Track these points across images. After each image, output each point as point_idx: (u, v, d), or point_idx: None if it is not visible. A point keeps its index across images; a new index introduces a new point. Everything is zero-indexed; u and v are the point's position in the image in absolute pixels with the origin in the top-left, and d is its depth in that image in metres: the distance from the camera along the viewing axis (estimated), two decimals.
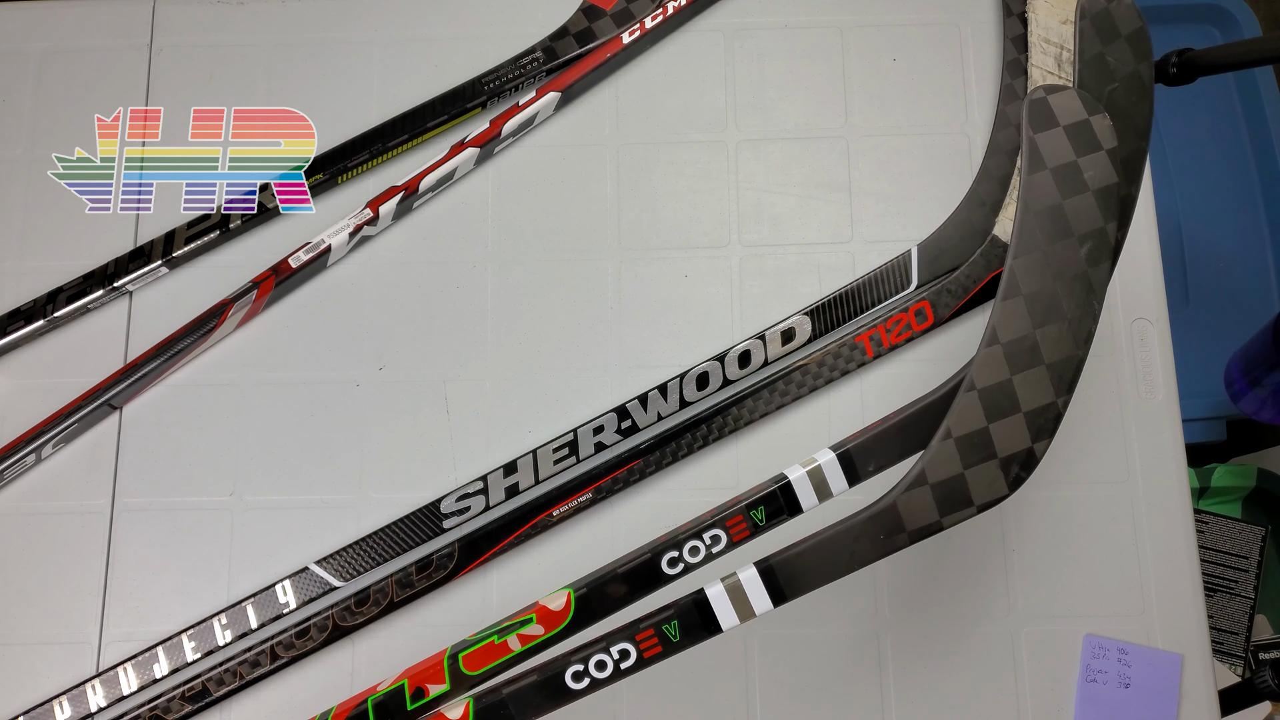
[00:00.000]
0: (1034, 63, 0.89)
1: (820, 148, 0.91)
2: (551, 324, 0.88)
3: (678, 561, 0.62)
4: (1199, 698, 0.80)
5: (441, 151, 0.90)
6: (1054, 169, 0.59)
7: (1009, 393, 0.57)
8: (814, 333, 0.86)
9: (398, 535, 0.82)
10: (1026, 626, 0.82)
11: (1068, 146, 0.59)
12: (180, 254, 0.88)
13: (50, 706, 0.79)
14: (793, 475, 0.62)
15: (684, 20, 0.94)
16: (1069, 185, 0.59)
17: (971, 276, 0.86)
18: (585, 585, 0.62)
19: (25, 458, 0.83)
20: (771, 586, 0.59)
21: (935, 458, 0.58)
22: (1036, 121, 0.59)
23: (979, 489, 0.58)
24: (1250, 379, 1.27)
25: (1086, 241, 0.58)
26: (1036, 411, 0.57)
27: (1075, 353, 0.58)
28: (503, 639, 0.61)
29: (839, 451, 0.62)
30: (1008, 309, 0.58)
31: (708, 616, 0.60)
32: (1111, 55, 0.62)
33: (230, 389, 0.87)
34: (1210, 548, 1.33)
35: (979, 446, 0.58)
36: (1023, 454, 0.58)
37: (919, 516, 0.58)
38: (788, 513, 0.62)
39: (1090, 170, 0.59)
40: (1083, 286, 0.58)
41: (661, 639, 0.60)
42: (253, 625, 0.80)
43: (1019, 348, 0.57)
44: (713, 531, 0.62)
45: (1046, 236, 0.58)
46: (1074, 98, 0.60)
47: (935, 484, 0.58)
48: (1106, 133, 0.59)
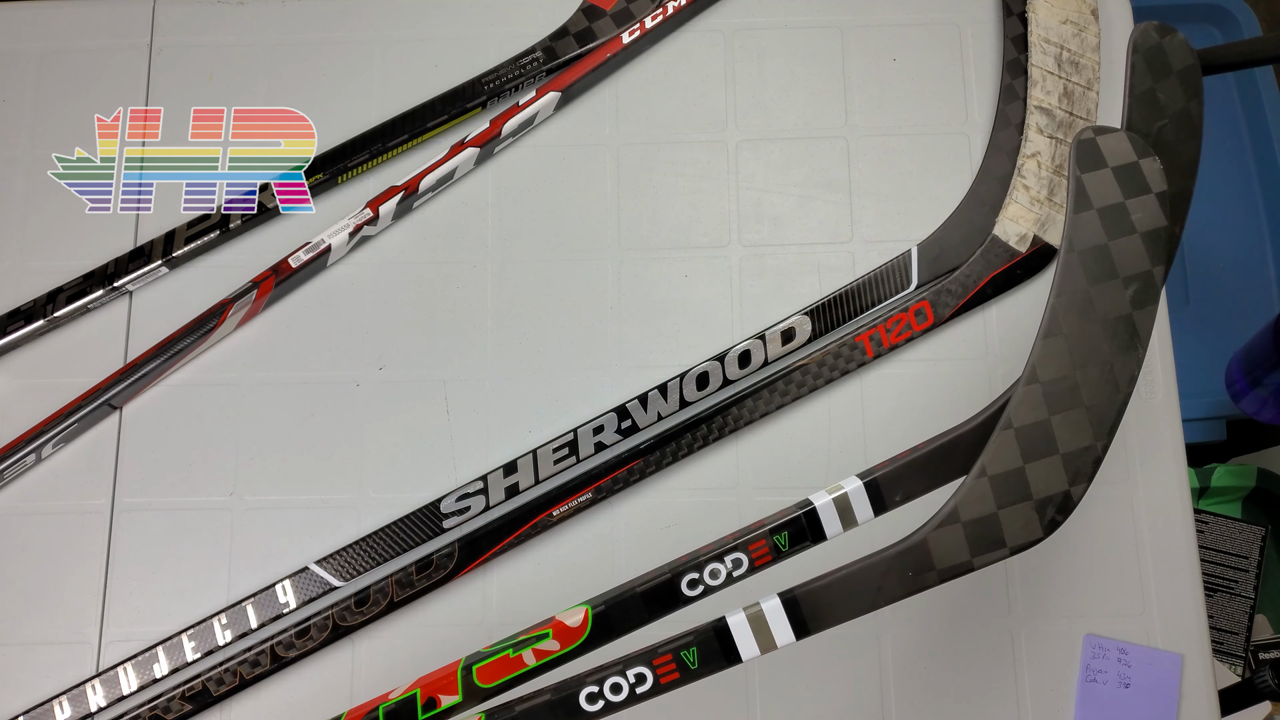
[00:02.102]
0: (1034, 63, 0.89)
1: (820, 148, 0.91)
2: (551, 324, 0.88)
3: (698, 583, 0.61)
4: (1199, 698, 0.80)
5: (441, 151, 0.90)
6: (1101, 209, 0.57)
7: (1047, 433, 0.56)
8: (814, 333, 0.86)
9: (398, 535, 0.82)
10: (1026, 626, 0.82)
11: (1116, 188, 0.58)
12: (180, 254, 0.88)
13: (50, 706, 0.79)
14: (818, 502, 0.61)
15: (684, 20, 0.94)
16: (1116, 226, 0.57)
17: (971, 276, 0.86)
18: (603, 603, 0.61)
19: (25, 458, 0.83)
20: (795, 618, 0.58)
21: (968, 496, 0.57)
22: (1084, 162, 0.58)
23: (1012, 530, 0.56)
24: (1251, 379, 1.27)
25: (1132, 284, 0.57)
26: (1075, 454, 0.56)
27: (1116, 396, 0.56)
28: (518, 653, 0.60)
29: (866, 480, 0.61)
30: (1049, 347, 0.56)
31: (728, 645, 0.59)
32: (1162, 92, 0.61)
33: (230, 389, 0.87)
34: (1210, 548, 1.33)
35: (1014, 487, 0.56)
36: (1059, 497, 0.56)
37: (950, 555, 0.57)
38: (811, 539, 0.61)
39: (1139, 213, 0.57)
40: (1126, 329, 0.57)
41: (679, 665, 0.59)
42: (253, 625, 0.80)
43: (1059, 388, 0.56)
44: (734, 555, 0.61)
45: (1090, 277, 0.57)
46: (1124, 140, 0.58)
47: (968, 522, 0.57)
48: (1156, 176, 0.58)
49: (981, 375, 0.86)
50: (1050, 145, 0.87)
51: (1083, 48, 0.89)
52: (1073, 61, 0.88)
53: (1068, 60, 0.89)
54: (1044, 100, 0.88)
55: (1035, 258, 0.86)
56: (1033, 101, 0.88)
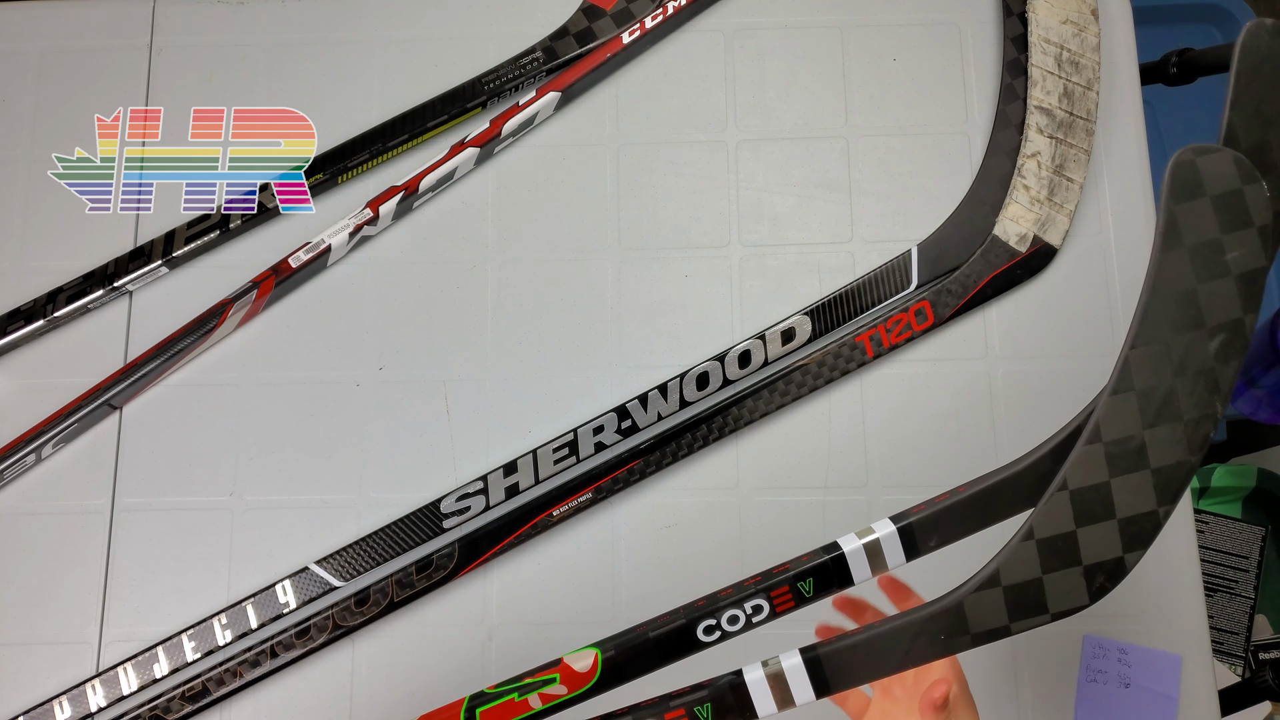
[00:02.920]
0: (1034, 63, 0.89)
1: (820, 148, 0.91)
2: (551, 324, 0.88)
3: (714, 629, 0.58)
4: (1199, 698, 0.80)
5: (441, 151, 0.90)
6: (1192, 247, 0.50)
7: (1104, 497, 0.52)
8: (814, 333, 0.86)
9: (398, 535, 0.82)
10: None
11: (1213, 220, 0.50)
12: (180, 254, 0.88)
13: (50, 706, 0.79)
14: (847, 547, 0.58)
15: (684, 20, 0.94)
16: (1207, 267, 0.50)
17: (971, 276, 0.86)
18: (614, 646, 0.59)
19: (25, 458, 0.83)
20: (816, 678, 0.56)
21: (1012, 559, 0.53)
22: (1180, 190, 0.50)
23: (1056, 596, 0.53)
24: (1247, 378, 1.27)
25: (1219, 334, 0.50)
26: (1133, 519, 0.51)
27: (1188, 459, 0.51)
28: (524, 697, 0.59)
29: (900, 525, 0.58)
30: (1116, 405, 0.51)
31: (744, 702, 0.56)
32: (1269, 103, 0.52)
33: (230, 389, 0.87)
34: (1210, 548, 1.33)
35: (1062, 551, 0.52)
36: (1111, 564, 0.52)
37: (986, 620, 0.53)
38: (838, 584, 0.59)
39: (1235, 250, 0.50)
40: (1207, 385, 0.51)
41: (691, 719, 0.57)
42: (253, 625, 0.80)
43: (1124, 448, 0.51)
44: (755, 601, 0.58)
45: (1173, 326, 0.51)
46: (1228, 161, 0.51)
47: (1008, 586, 0.53)
48: (1261, 206, 0.50)
49: (981, 375, 0.86)
50: (1050, 145, 0.87)
51: (1083, 48, 0.89)
52: (1073, 61, 0.88)
53: (1068, 60, 0.89)
54: (1044, 100, 0.88)
55: (1035, 258, 0.86)
56: (1033, 101, 0.88)
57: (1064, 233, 0.86)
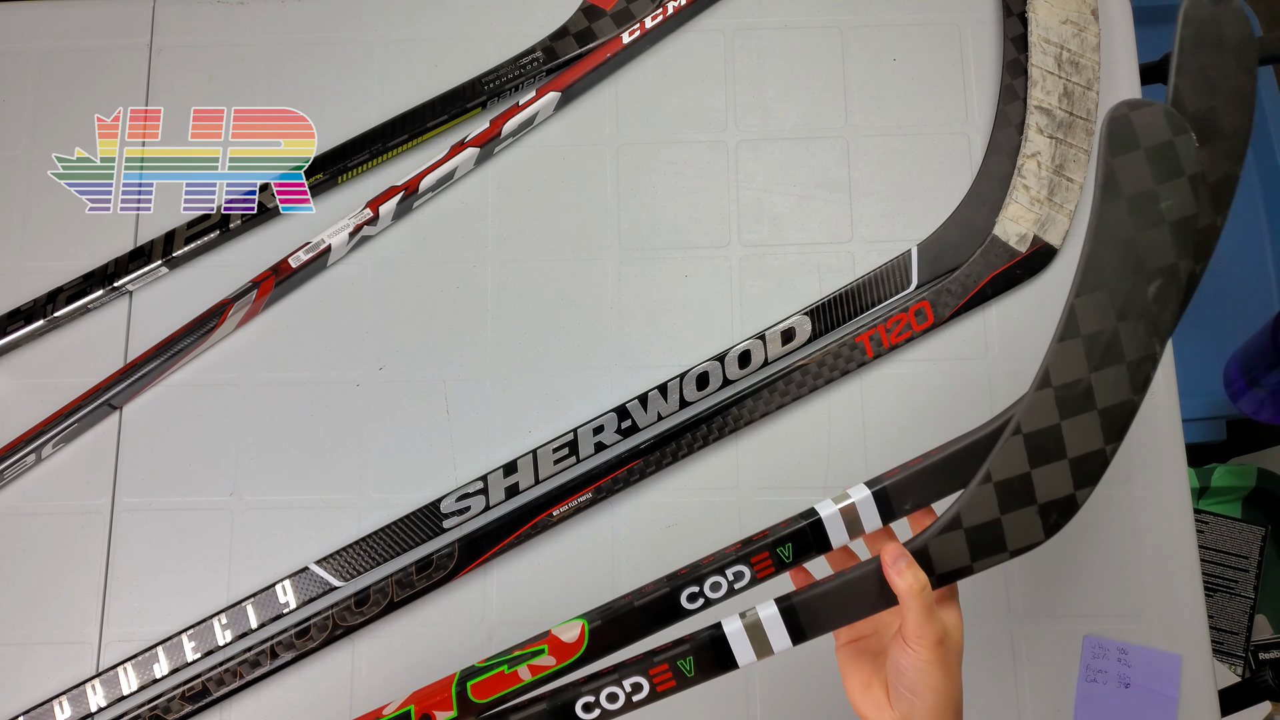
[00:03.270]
0: (1034, 63, 0.89)
1: (820, 148, 0.91)
2: (551, 324, 0.88)
3: (698, 597, 0.60)
4: (1199, 698, 0.80)
5: (441, 151, 0.90)
6: (1130, 198, 0.53)
7: (1056, 438, 0.55)
8: (814, 333, 0.86)
9: (398, 535, 0.82)
10: (1026, 626, 0.82)
11: (1147, 172, 0.53)
12: (180, 254, 0.88)
13: (50, 706, 0.79)
14: (824, 511, 0.60)
15: (684, 20, 0.94)
16: (1144, 217, 0.53)
17: (971, 276, 0.86)
18: (600, 617, 0.60)
19: (25, 458, 0.83)
20: (792, 626, 0.58)
21: (972, 502, 0.56)
22: (1116, 143, 0.53)
23: (1014, 535, 0.56)
24: (1249, 378, 1.27)
25: (1156, 279, 0.53)
26: (1083, 458, 0.55)
27: (1131, 398, 0.54)
28: (513, 669, 0.60)
29: (875, 489, 0.60)
30: (1064, 351, 0.54)
31: (724, 653, 0.59)
32: (1214, 69, 0.55)
33: (230, 389, 0.87)
34: (1210, 548, 1.33)
35: (1019, 492, 0.56)
36: (1063, 501, 0.55)
37: (950, 560, 0.57)
38: (816, 549, 0.60)
39: (1169, 200, 0.53)
40: (1147, 328, 0.54)
41: (676, 673, 0.59)
42: (253, 625, 0.80)
43: (1072, 392, 0.54)
44: (736, 568, 0.60)
45: (1115, 273, 0.54)
46: (1160, 115, 0.53)
47: (970, 528, 0.56)
48: (1191, 156, 0.54)
49: (981, 375, 0.86)
50: (1050, 145, 0.87)
51: (1083, 48, 0.89)
52: (1073, 61, 0.88)
53: (1068, 60, 0.89)
54: (1044, 100, 0.88)
55: (1035, 258, 0.86)
56: (1033, 101, 0.88)
57: (1064, 233, 0.86)
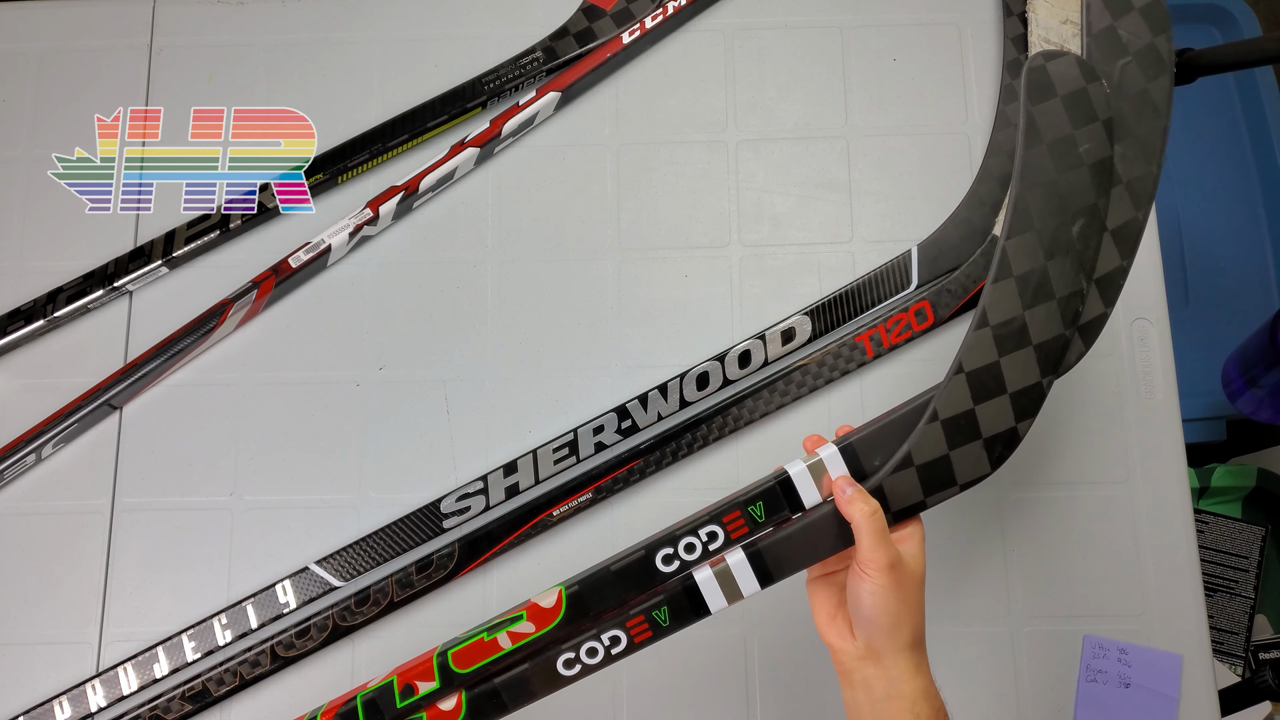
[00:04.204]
0: None
1: (820, 148, 0.91)
2: (551, 324, 0.88)
3: (673, 559, 0.61)
4: (1199, 698, 0.80)
5: (441, 151, 0.90)
6: (1050, 143, 0.57)
7: (996, 375, 0.58)
8: (814, 333, 0.86)
9: (398, 535, 0.82)
10: (1026, 626, 0.82)
11: (1065, 118, 0.57)
12: (180, 254, 0.88)
13: (50, 706, 0.79)
14: (793, 470, 0.61)
15: (684, 20, 0.94)
16: (1064, 160, 0.57)
17: (971, 276, 0.86)
18: (577, 583, 0.62)
19: (25, 458, 0.83)
20: (759, 569, 0.60)
21: (921, 440, 0.59)
22: (1035, 92, 0.57)
23: (963, 469, 0.59)
24: (1247, 378, 1.27)
25: (1079, 219, 0.57)
26: (1022, 392, 0.58)
27: (1062, 332, 0.58)
28: (492, 636, 0.61)
29: (842, 445, 0.61)
30: (998, 291, 0.58)
31: (696, 601, 0.61)
32: (1124, 29, 0.59)
33: (230, 389, 0.87)
34: (1210, 548, 1.33)
35: (964, 428, 0.59)
36: (1006, 433, 0.58)
37: (904, 497, 0.59)
38: (789, 508, 0.61)
39: (1086, 143, 0.57)
40: (1073, 264, 0.57)
41: (651, 624, 0.61)
42: (253, 625, 0.80)
43: (1008, 329, 0.58)
44: (709, 528, 0.61)
45: (1040, 215, 0.57)
46: (1073, 64, 0.58)
47: (921, 465, 0.59)
48: (1103, 102, 0.58)
49: None
50: None
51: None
52: (1078, 35, 0.88)
53: None
54: None
55: None
56: None
57: None
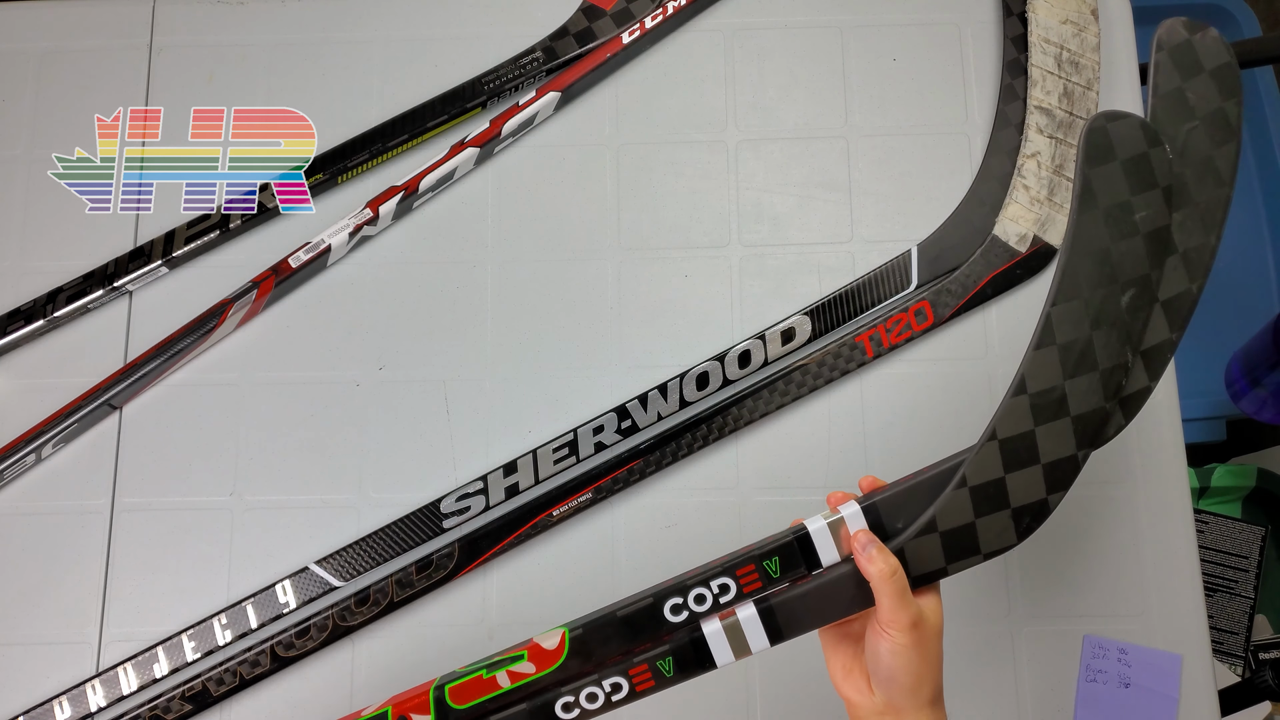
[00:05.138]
0: (1034, 63, 0.89)
1: (820, 148, 0.91)
2: (551, 324, 0.88)
3: (682, 609, 0.60)
4: (1199, 698, 0.80)
5: (441, 151, 0.90)
6: (1105, 209, 0.55)
7: (1030, 444, 0.56)
8: (814, 333, 0.86)
9: (398, 535, 0.82)
10: (1026, 626, 0.81)
11: (1123, 183, 0.55)
12: (180, 254, 0.88)
13: (50, 706, 0.79)
14: (812, 526, 0.59)
15: (684, 20, 0.94)
16: (1119, 227, 0.55)
17: (971, 276, 0.86)
18: (581, 626, 0.60)
19: (25, 458, 0.83)
20: (770, 626, 0.58)
21: (947, 506, 0.57)
22: (1094, 154, 0.55)
23: (988, 538, 0.57)
24: (1251, 379, 1.27)
25: (1129, 289, 0.55)
26: (1055, 463, 0.56)
27: (1102, 405, 0.55)
28: (492, 674, 0.60)
29: (865, 504, 0.59)
30: (1039, 359, 0.55)
31: (703, 653, 0.59)
32: (1193, 91, 0.56)
33: (230, 389, 0.87)
34: (1210, 548, 1.33)
35: (993, 497, 0.57)
36: (1036, 505, 0.56)
37: (925, 563, 0.57)
38: (805, 565, 0.59)
39: (1143, 210, 0.55)
40: (1119, 337, 0.55)
41: (655, 674, 0.59)
42: (253, 625, 0.80)
43: (1046, 399, 0.56)
44: (721, 580, 0.59)
45: (1089, 283, 0.55)
46: (1135, 127, 0.55)
47: (945, 531, 0.57)
48: (1165, 168, 0.55)
49: (981, 375, 0.86)
50: (1050, 145, 0.87)
51: (1083, 48, 0.89)
52: (1073, 61, 0.88)
53: (1068, 60, 0.89)
54: (1044, 100, 0.88)
55: (1035, 258, 0.86)
56: (1033, 101, 0.88)
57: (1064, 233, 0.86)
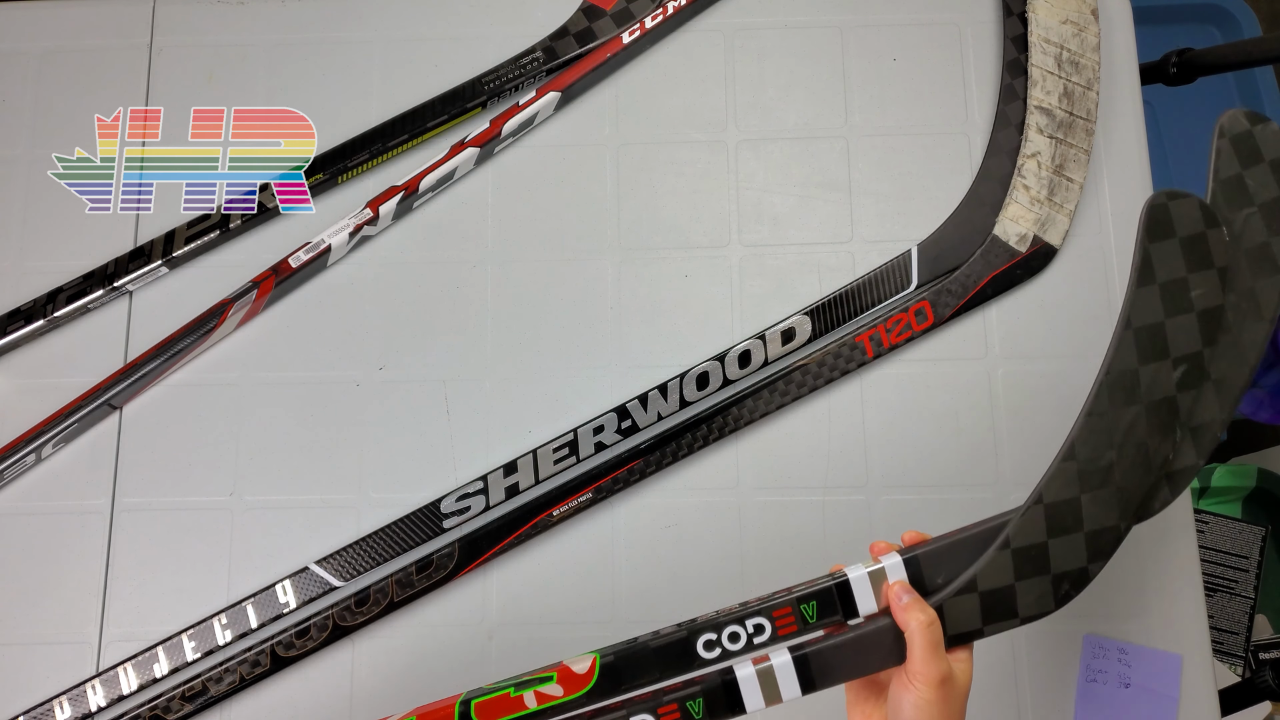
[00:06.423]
0: (1034, 63, 0.89)
1: (820, 148, 0.91)
2: (551, 324, 0.88)
3: (715, 645, 0.59)
4: (1199, 698, 0.80)
5: (441, 151, 0.90)
6: (1163, 284, 0.56)
7: (1075, 511, 0.57)
8: (814, 333, 0.86)
9: (398, 535, 0.82)
10: (1027, 627, 0.81)
11: (1181, 261, 0.56)
12: (180, 254, 0.88)
13: (50, 706, 0.79)
14: (853, 574, 0.59)
15: (684, 20, 0.94)
16: (1175, 303, 0.56)
17: (971, 276, 0.86)
18: (613, 653, 0.60)
19: (25, 458, 0.83)
20: (804, 675, 0.58)
21: (989, 567, 0.57)
22: (1154, 230, 0.56)
23: (1026, 602, 0.58)
24: None
25: (1181, 365, 0.56)
26: (1099, 532, 0.57)
27: (1146, 479, 0.56)
28: (519, 693, 0.59)
29: (907, 557, 0.59)
30: (1090, 426, 0.56)
31: (734, 697, 0.58)
32: (1252, 179, 0.58)
33: (230, 389, 0.87)
34: (1210, 548, 1.33)
35: (1035, 560, 0.57)
36: (1076, 572, 0.57)
37: (962, 622, 0.58)
38: (842, 613, 0.59)
39: (1199, 289, 0.56)
40: (1169, 410, 0.56)
41: (684, 713, 0.58)
42: (253, 625, 0.80)
43: (1094, 466, 0.56)
44: (757, 620, 0.59)
45: (1142, 356, 0.56)
46: (1195, 207, 0.56)
47: (984, 592, 0.57)
48: (1222, 249, 0.56)
49: (981, 375, 0.86)
50: (1050, 145, 0.87)
51: (1083, 48, 0.89)
52: (1073, 61, 0.88)
53: (1068, 60, 0.89)
54: (1044, 100, 0.88)
55: (1035, 258, 0.86)
56: (1033, 101, 0.88)
57: (1064, 233, 0.86)
